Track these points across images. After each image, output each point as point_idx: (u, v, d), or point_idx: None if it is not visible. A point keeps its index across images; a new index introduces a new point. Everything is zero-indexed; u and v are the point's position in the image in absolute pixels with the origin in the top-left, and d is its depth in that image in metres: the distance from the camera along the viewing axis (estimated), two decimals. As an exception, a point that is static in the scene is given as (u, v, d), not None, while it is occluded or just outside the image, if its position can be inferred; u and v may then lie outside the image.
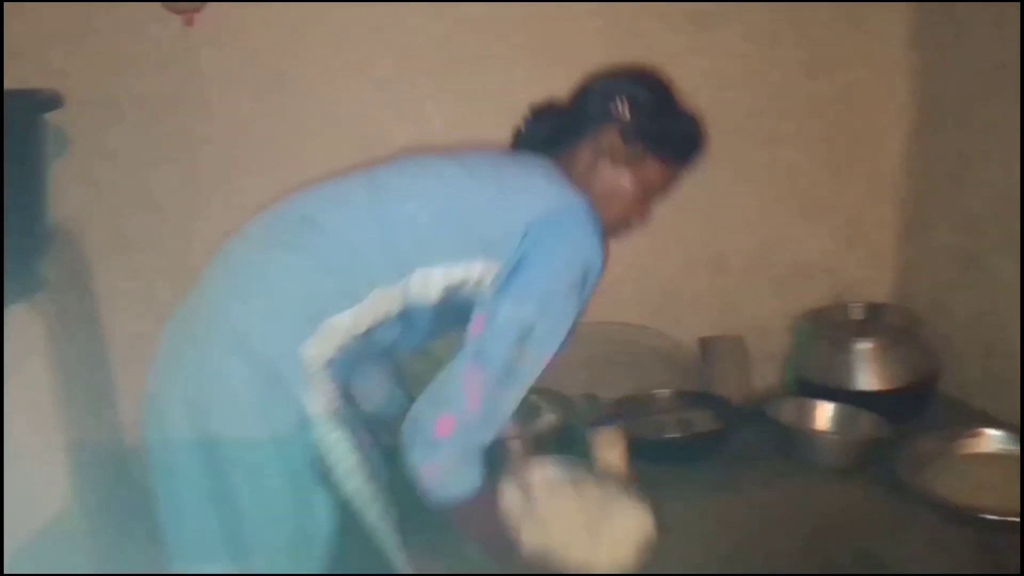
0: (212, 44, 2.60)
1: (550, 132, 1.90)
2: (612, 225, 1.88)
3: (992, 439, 2.43)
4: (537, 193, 1.69)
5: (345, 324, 1.57)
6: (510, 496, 1.92)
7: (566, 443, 2.55)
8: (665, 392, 2.85)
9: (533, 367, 1.61)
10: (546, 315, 1.58)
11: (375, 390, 2.02)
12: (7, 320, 1.99)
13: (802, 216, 3.01)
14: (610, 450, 2.45)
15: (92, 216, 2.64)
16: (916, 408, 2.65)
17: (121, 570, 2.18)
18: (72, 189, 2.56)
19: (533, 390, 2.42)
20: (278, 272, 1.58)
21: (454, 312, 1.67)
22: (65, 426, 2.24)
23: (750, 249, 3.00)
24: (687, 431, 2.65)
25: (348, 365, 1.65)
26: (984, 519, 2.15)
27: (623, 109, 1.81)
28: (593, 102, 1.86)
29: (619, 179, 1.85)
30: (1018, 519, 2.14)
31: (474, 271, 1.62)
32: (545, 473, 2.19)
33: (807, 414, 2.65)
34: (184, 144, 2.67)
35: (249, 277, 1.60)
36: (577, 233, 1.64)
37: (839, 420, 2.61)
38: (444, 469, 1.55)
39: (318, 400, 1.54)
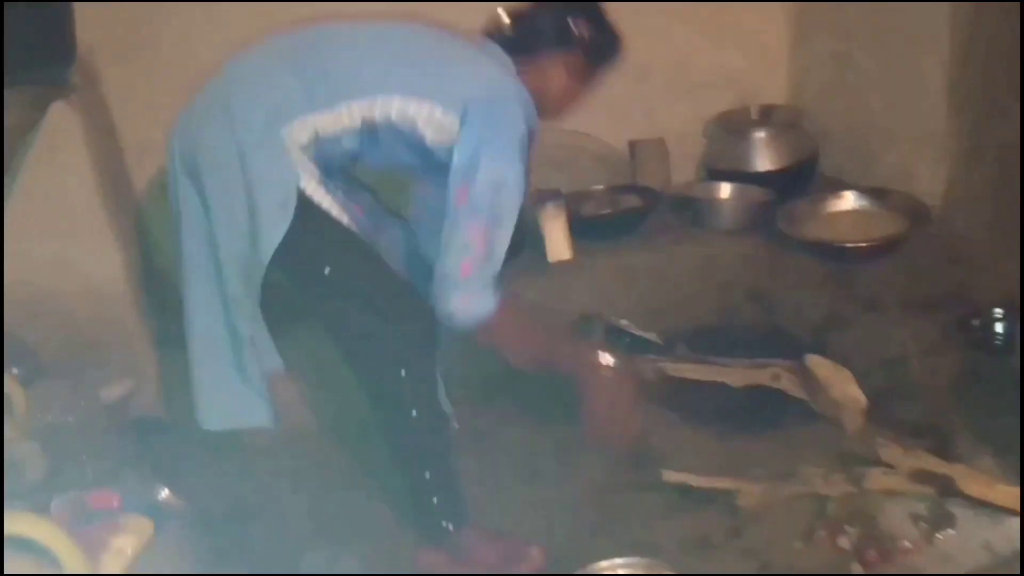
0: None
1: (513, 37, 2.27)
2: (549, 114, 2.34)
3: (852, 199, 3.10)
4: (492, 68, 2.11)
5: (318, 123, 2.00)
6: None
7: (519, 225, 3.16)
8: (600, 187, 3.46)
9: (511, 209, 2.05)
10: (511, 169, 2.02)
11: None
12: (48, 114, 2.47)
13: (710, 33, 3.55)
14: (554, 222, 3.08)
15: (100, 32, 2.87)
16: (800, 183, 3.30)
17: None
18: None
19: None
20: (274, 75, 2.05)
21: (406, 144, 2.07)
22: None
23: (668, 62, 3.55)
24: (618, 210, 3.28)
25: (323, 158, 2.05)
26: (843, 248, 2.84)
27: (582, 31, 2.24)
28: (551, 23, 2.24)
29: (571, 89, 2.29)
30: (866, 245, 2.82)
31: (425, 110, 2.03)
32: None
33: (713, 191, 3.30)
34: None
35: (248, 74, 2.09)
36: (521, 106, 2.07)
37: (737, 193, 3.26)
38: (471, 299, 1.99)
39: (303, 169, 1.99)
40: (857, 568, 1.91)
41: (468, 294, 1.97)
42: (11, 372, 2.27)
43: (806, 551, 1.99)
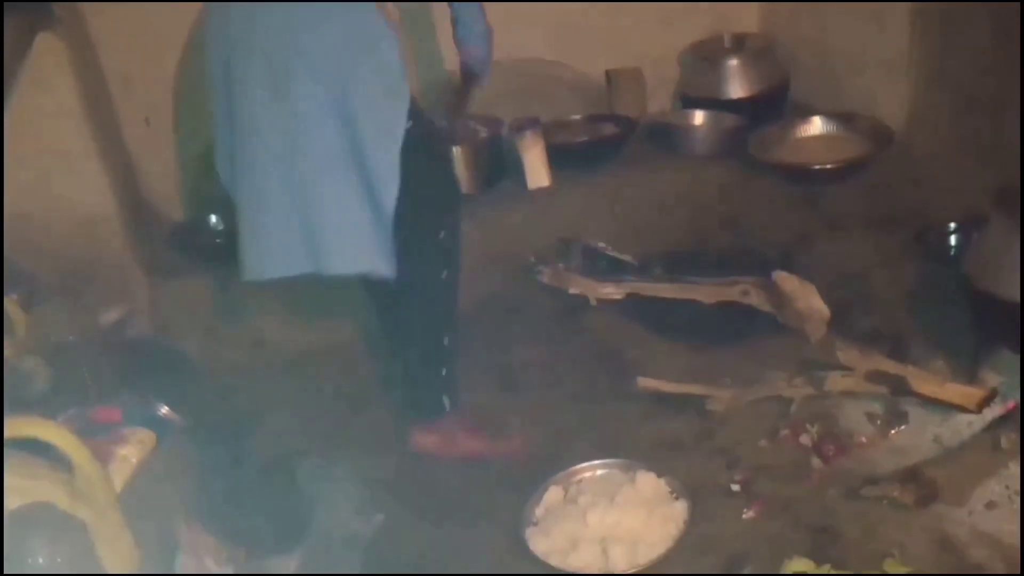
0: None
1: None
2: None
3: (819, 123, 3.21)
4: None
5: None
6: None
7: (495, 151, 3.26)
8: (577, 116, 3.54)
9: None
10: None
11: None
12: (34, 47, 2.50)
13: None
14: (532, 149, 3.16)
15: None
16: (772, 110, 3.39)
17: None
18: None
19: (471, 116, 3.19)
20: None
21: None
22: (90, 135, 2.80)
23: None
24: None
25: None
26: (810, 170, 2.95)
27: None
28: None
29: None
30: (831, 167, 2.93)
31: None
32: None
33: (688, 118, 3.39)
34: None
35: None
36: None
37: (711, 120, 3.36)
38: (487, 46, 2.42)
39: None
40: (817, 463, 2.06)
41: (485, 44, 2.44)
42: (11, 296, 2.35)
43: (770, 448, 2.14)
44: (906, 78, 2.97)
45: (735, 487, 2.04)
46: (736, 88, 3.42)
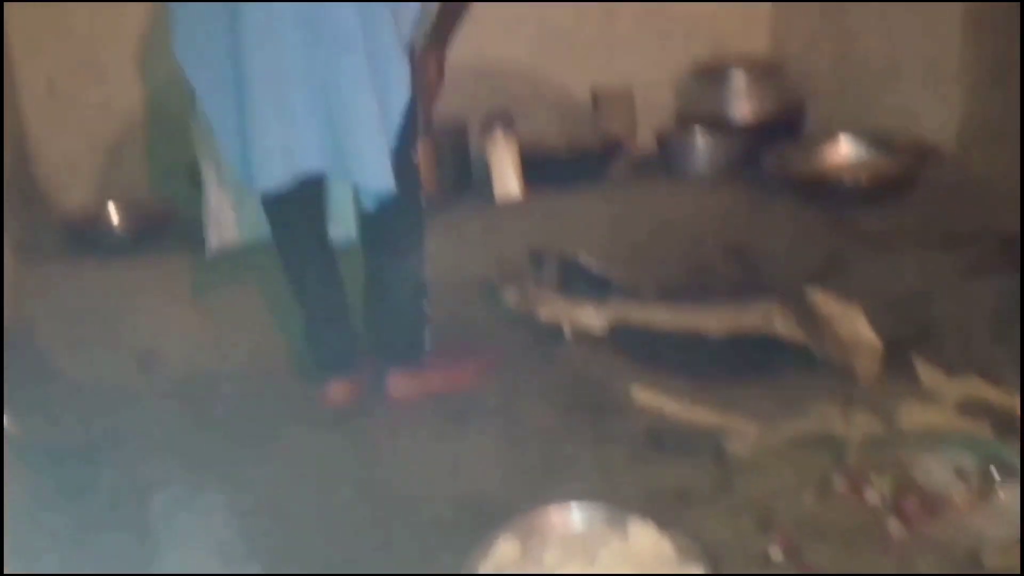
0: None
1: None
2: None
3: (847, 143, 2.66)
4: None
5: None
6: None
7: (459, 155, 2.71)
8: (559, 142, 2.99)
9: None
10: None
11: None
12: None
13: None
14: (502, 151, 2.60)
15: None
16: (786, 133, 2.86)
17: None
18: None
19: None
20: None
21: None
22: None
23: (636, 3, 3.14)
24: (578, 154, 2.82)
25: None
26: (843, 188, 2.40)
27: None
28: None
29: None
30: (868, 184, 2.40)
31: None
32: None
33: (687, 135, 2.85)
34: None
35: None
36: None
37: (714, 138, 2.81)
38: None
39: None
40: (895, 525, 1.41)
41: None
42: None
43: (820, 505, 1.48)
44: (956, 87, 2.47)
45: (775, 555, 1.39)
46: (743, 109, 2.90)
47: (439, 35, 2.04)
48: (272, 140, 1.80)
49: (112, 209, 2.69)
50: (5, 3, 2.49)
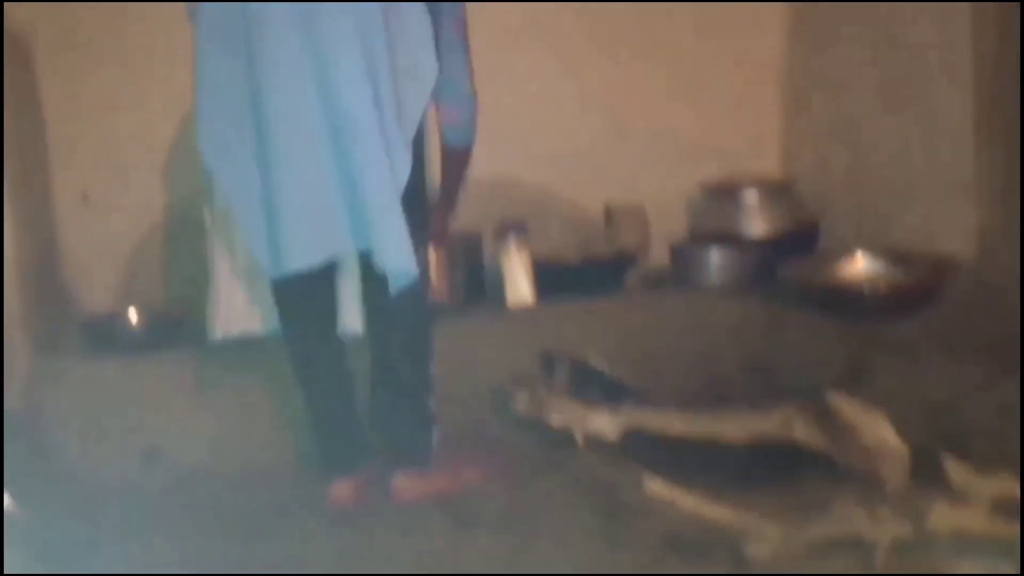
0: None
1: None
2: None
3: (864, 259, 2.64)
4: None
5: None
6: None
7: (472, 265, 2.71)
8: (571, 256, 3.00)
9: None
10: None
11: None
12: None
13: (693, 93, 3.22)
14: (515, 258, 2.60)
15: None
16: (800, 249, 2.84)
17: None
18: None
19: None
20: None
21: None
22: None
23: (648, 122, 3.20)
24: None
25: None
26: (863, 298, 2.36)
27: None
28: None
29: None
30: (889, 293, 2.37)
31: None
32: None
33: (701, 248, 2.86)
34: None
35: None
36: None
37: (728, 250, 2.82)
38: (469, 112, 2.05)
39: None
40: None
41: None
42: None
43: (849, 614, 1.38)
44: (973, 200, 2.47)
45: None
46: (756, 225, 2.91)
47: (445, 195, 2.16)
48: (297, 224, 1.82)
49: (131, 311, 2.73)
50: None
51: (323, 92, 1.80)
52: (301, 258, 1.84)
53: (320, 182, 1.81)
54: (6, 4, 2.42)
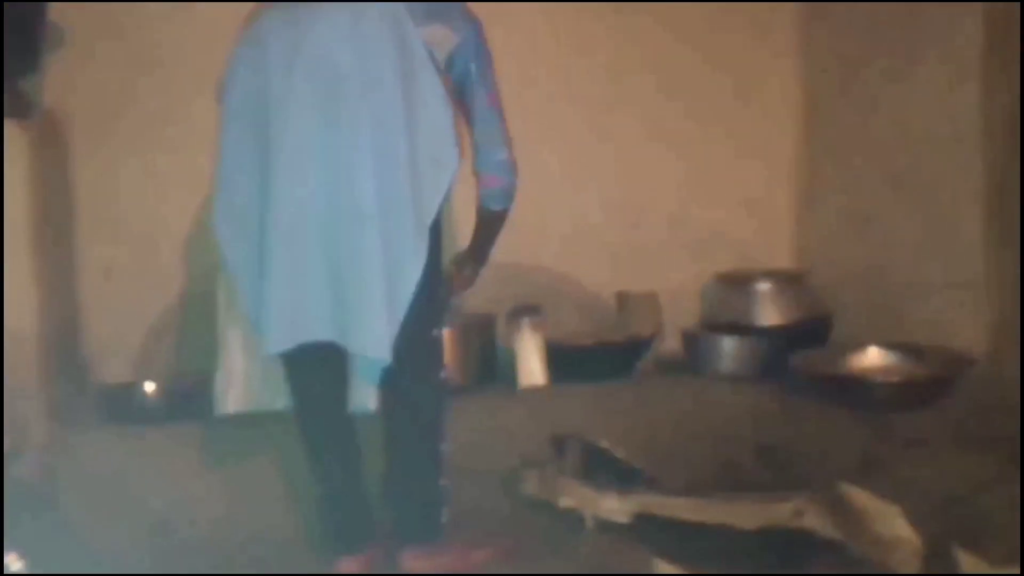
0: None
1: None
2: None
3: (878, 354, 2.66)
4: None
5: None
6: None
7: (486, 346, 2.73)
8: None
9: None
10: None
11: None
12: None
13: (708, 185, 3.32)
14: (529, 340, 2.62)
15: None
16: (812, 342, 2.86)
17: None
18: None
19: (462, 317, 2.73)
20: None
21: None
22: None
23: (663, 211, 3.28)
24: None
25: None
26: (876, 388, 2.36)
27: None
28: None
29: None
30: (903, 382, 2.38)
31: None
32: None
33: (713, 336, 2.88)
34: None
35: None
36: None
37: (741, 339, 2.84)
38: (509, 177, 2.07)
39: None
40: None
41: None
42: None
43: None
44: (985, 297, 2.50)
45: None
46: (769, 316, 2.95)
47: (478, 249, 2.16)
48: (282, 305, 1.83)
49: (147, 384, 2.75)
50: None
51: (331, 176, 1.82)
52: (279, 340, 1.84)
53: (309, 264, 1.83)
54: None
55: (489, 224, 2.13)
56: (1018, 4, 2.40)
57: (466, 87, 1.98)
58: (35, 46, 2.36)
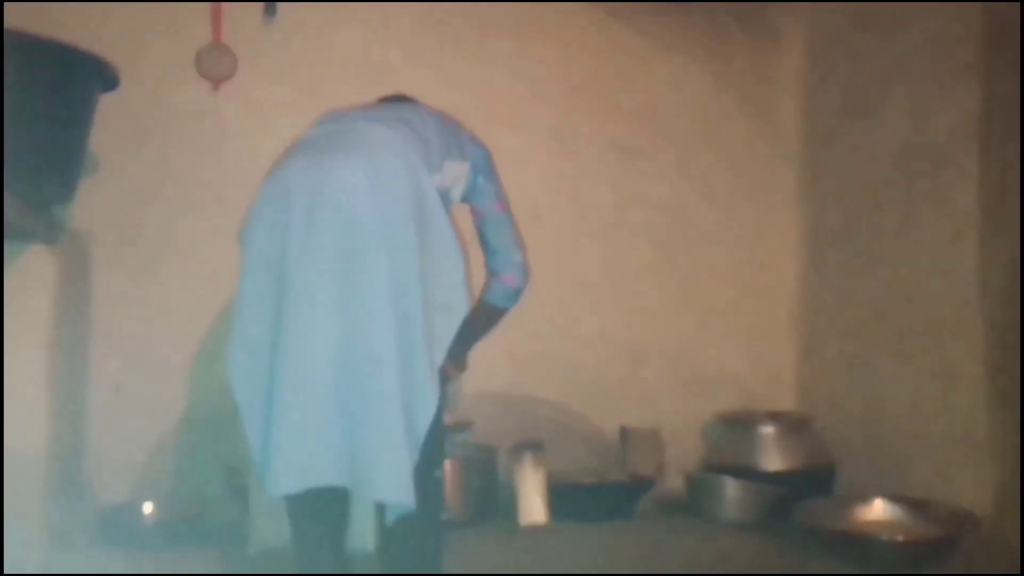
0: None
1: None
2: None
3: (882, 507, 2.62)
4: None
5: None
6: None
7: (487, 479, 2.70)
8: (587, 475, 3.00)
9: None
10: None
11: None
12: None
13: (711, 327, 3.38)
14: (531, 478, 2.59)
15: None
16: (815, 489, 2.83)
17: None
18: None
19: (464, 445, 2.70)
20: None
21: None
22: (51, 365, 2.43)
23: (666, 351, 3.32)
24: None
25: None
26: (881, 544, 2.33)
27: None
28: None
29: None
30: (907, 541, 2.36)
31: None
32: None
33: (716, 480, 2.84)
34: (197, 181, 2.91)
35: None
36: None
37: (744, 484, 2.80)
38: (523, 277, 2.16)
39: None
40: None
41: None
42: None
43: None
44: (988, 453, 2.49)
45: None
46: (771, 460, 2.93)
47: (472, 340, 2.19)
48: (290, 449, 1.81)
49: (146, 504, 2.70)
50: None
51: (347, 322, 1.82)
52: (287, 483, 1.82)
53: (319, 410, 1.81)
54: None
55: (491, 319, 2.21)
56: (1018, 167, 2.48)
57: (475, 196, 2.13)
58: (75, 176, 2.40)
